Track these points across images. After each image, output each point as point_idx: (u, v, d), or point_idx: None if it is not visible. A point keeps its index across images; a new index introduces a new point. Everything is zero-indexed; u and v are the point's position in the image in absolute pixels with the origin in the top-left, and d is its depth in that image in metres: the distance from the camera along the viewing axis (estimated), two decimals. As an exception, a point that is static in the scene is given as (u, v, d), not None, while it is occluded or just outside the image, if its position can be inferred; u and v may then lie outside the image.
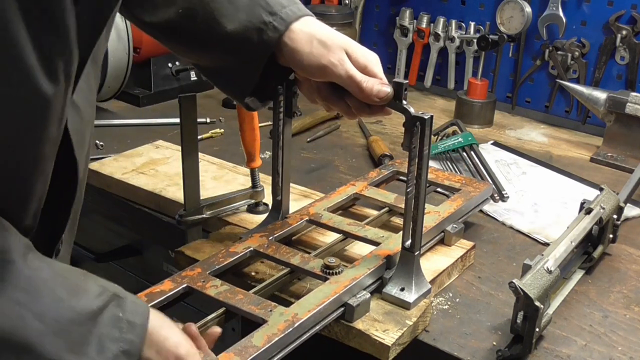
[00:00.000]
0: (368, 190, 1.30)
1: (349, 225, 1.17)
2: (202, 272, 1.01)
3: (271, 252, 1.08)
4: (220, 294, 0.97)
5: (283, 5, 0.97)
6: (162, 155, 1.53)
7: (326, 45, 0.96)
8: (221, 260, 1.05)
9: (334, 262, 1.03)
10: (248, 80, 1.01)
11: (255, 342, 0.87)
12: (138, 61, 1.87)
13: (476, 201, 1.30)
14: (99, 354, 0.70)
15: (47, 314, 0.67)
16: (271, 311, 0.93)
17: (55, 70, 0.67)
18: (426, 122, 0.95)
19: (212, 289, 0.98)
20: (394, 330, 0.98)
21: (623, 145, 1.69)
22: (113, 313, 0.72)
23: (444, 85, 2.11)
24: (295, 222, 1.17)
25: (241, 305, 0.94)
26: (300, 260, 1.06)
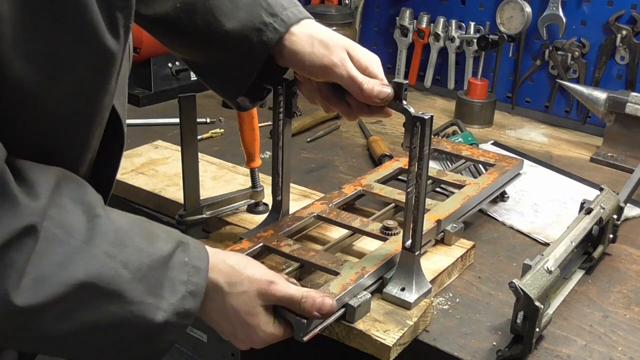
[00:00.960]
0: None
1: (399, 194, 1.26)
2: (274, 233, 1.12)
3: (333, 217, 1.18)
4: (294, 251, 1.07)
5: (284, 7, 0.97)
6: (162, 155, 1.53)
7: (327, 45, 0.96)
8: (290, 223, 1.16)
9: (392, 224, 1.13)
10: (243, 79, 1.00)
11: (332, 289, 0.98)
12: (138, 61, 1.87)
13: (510, 175, 1.40)
14: (171, 295, 0.78)
15: (131, 262, 0.74)
16: (342, 265, 1.04)
17: (118, 26, 0.70)
18: (426, 122, 0.95)
19: (286, 247, 1.08)
20: (395, 330, 0.98)
21: (623, 145, 1.69)
22: (181, 258, 0.79)
23: (444, 85, 2.11)
24: (350, 191, 1.28)
25: (315, 260, 1.05)
26: (360, 223, 1.16)
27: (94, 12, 0.66)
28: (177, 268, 0.79)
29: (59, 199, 0.71)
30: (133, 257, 0.75)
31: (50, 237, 0.69)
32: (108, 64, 0.72)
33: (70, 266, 0.69)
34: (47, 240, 0.68)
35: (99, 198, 0.76)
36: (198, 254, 0.82)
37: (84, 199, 0.73)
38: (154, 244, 0.78)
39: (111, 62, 0.72)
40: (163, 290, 0.77)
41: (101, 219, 0.73)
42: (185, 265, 0.80)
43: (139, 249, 0.76)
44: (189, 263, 0.80)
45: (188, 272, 0.80)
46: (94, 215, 0.73)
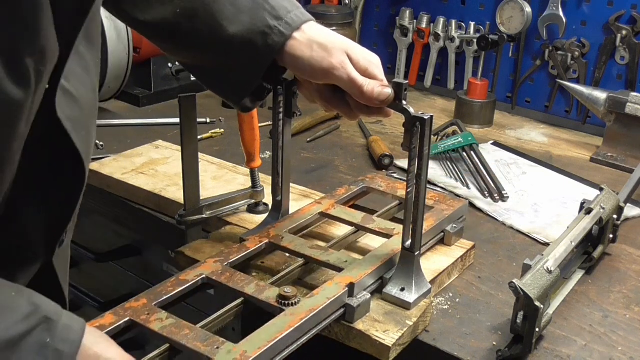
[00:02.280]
0: (335, 209, 1.21)
1: (310, 249, 1.08)
2: (147, 303, 0.93)
3: (225, 280, 0.99)
4: (164, 329, 0.88)
5: (288, 10, 0.96)
6: (162, 155, 1.53)
7: (327, 48, 0.95)
8: (170, 289, 0.96)
9: (290, 293, 0.93)
10: (247, 82, 1.00)
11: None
12: (138, 61, 1.87)
13: (450, 220, 1.21)
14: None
15: None
16: (218, 348, 0.84)
17: (25, 72, 0.64)
18: (426, 123, 0.95)
19: (157, 322, 0.89)
20: (395, 330, 0.98)
21: (623, 145, 1.69)
22: (39, 339, 0.66)
23: (444, 85, 2.11)
24: (254, 245, 1.09)
25: (186, 341, 0.85)
26: (255, 288, 0.97)
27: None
28: (31, 351, 0.65)
29: None
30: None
31: None
32: (12, 113, 0.65)
33: None
34: None
35: None
36: (66, 335, 0.68)
37: None
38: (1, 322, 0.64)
39: (15, 111, 0.66)
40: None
41: None
42: (44, 347, 0.66)
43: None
44: (49, 345, 0.66)
45: (46, 356, 0.66)
46: None
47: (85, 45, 0.75)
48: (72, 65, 0.73)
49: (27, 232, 0.79)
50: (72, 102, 0.75)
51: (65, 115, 0.73)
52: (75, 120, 0.75)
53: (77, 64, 0.75)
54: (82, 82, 0.77)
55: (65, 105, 0.73)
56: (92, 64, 0.79)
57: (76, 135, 0.75)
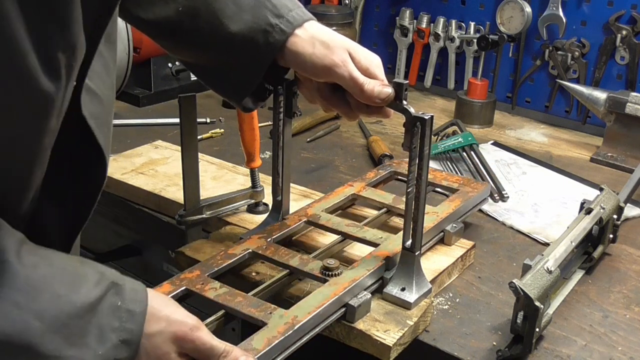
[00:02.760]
0: (366, 191, 1.29)
1: (347, 226, 1.16)
2: (200, 274, 1.00)
3: (270, 254, 1.07)
4: (219, 297, 0.95)
5: (289, 9, 0.97)
6: (162, 155, 1.53)
7: (329, 46, 0.96)
8: (220, 262, 1.04)
9: (332, 264, 1.02)
10: (249, 81, 1.00)
11: (255, 345, 0.86)
12: (138, 61, 1.87)
13: (474, 201, 1.29)
14: (99, 344, 0.70)
15: (47, 312, 0.67)
16: (271, 313, 0.92)
17: (57, 67, 0.66)
18: (426, 123, 0.96)
19: (211, 291, 0.97)
20: (395, 330, 0.98)
21: (623, 145, 1.69)
22: (112, 302, 0.71)
23: (444, 85, 2.11)
24: (294, 223, 1.17)
25: (240, 307, 0.93)
26: (299, 261, 1.05)
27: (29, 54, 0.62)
28: (107, 313, 0.71)
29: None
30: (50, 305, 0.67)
31: None
32: (44, 106, 0.68)
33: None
34: None
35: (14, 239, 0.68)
36: (133, 296, 0.73)
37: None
38: (77, 289, 0.69)
39: (48, 104, 0.68)
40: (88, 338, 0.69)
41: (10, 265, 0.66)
42: (117, 309, 0.71)
43: (57, 296, 0.68)
44: (121, 307, 0.72)
45: (120, 317, 0.71)
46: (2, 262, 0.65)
47: (104, 44, 0.77)
48: (94, 64, 0.75)
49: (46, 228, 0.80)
50: (95, 100, 0.77)
51: (89, 113, 0.75)
52: (98, 117, 0.77)
53: (98, 63, 0.76)
54: (103, 81, 0.79)
55: (90, 103, 0.75)
56: (111, 63, 0.82)
57: (99, 132, 0.77)
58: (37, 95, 0.65)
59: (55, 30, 0.65)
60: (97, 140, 0.77)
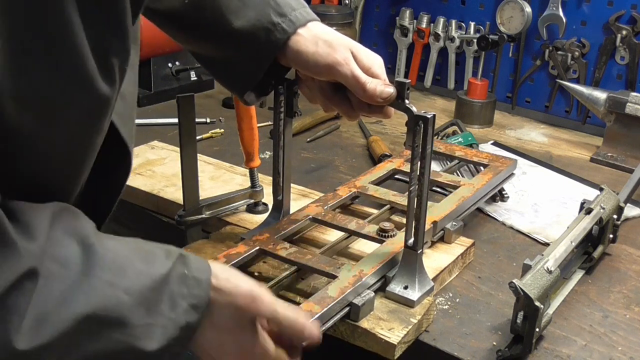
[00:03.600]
0: (405, 166, 1.37)
1: (393, 196, 1.26)
2: (270, 236, 1.11)
3: (329, 219, 1.17)
4: (291, 254, 1.06)
5: (293, 8, 0.98)
6: (158, 155, 1.53)
7: (331, 45, 0.96)
8: (285, 226, 1.15)
9: (388, 226, 1.13)
10: (251, 76, 1.01)
11: (330, 293, 0.97)
12: (138, 61, 1.87)
13: (503, 175, 1.40)
14: (172, 310, 0.75)
15: (133, 287, 0.72)
16: (339, 268, 1.03)
17: (113, 71, 0.69)
18: (429, 121, 0.96)
19: (283, 250, 1.07)
20: (400, 328, 0.98)
21: (623, 145, 1.69)
22: (180, 272, 0.76)
23: (444, 85, 2.11)
24: (345, 193, 1.27)
25: (312, 263, 1.04)
26: (356, 225, 1.16)
27: (88, 59, 0.65)
28: (177, 282, 0.76)
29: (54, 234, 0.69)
30: (134, 281, 0.73)
31: (48, 275, 0.67)
32: (101, 108, 0.71)
33: (71, 301, 0.68)
34: (45, 279, 0.66)
35: (92, 226, 0.74)
36: (198, 266, 0.79)
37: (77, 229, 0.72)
38: (153, 264, 0.76)
39: (104, 106, 0.71)
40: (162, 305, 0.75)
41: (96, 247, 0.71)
42: (185, 278, 0.77)
43: (139, 272, 0.74)
44: (188, 275, 0.77)
45: (189, 284, 0.77)
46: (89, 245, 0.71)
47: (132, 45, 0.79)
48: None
49: None
50: (120, 99, 0.79)
51: (116, 114, 0.79)
52: (122, 115, 0.82)
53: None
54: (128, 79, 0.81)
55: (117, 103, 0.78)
56: (136, 61, 0.86)
57: (123, 129, 0.82)
58: (96, 98, 0.69)
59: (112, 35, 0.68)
60: (122, 136, 0.82)
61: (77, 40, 0.64)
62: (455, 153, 1.47)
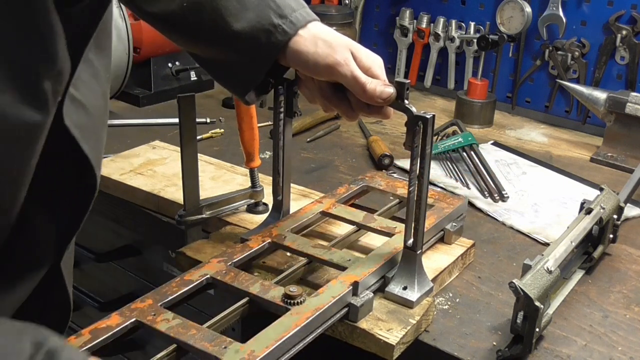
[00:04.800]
0: (336, 208, 1.21)
1: (314, 247, 1.08)
2: (153, 303, 0.93)
3: (229, 280, 0.99)
4: (171, 329, 0.88)
5: (293, 9, 0.97)
6: (159, 155, 1.53)
7: (331, 45, 0.96)
8: (174, 289, 0.96)
9: (295, 292, 0.93)
10: (251, 78, 1.01)
11: None
12: (138, 61, 1.87)
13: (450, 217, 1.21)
14: None
15: None
16: (225, 348, 0.84)
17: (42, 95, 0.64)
18: (428, 122, 0.96)
19: (163, 323, 0.89)
20: (398, 329, 0.98)
21: (623, 145, 1.69)
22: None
23: (444, 85, 2.11)
24: (257, 245, 1.09)
25: (194, 341, 0.85)
26: (260, 288, 0.97)
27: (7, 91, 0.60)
28: None
29: None
30: None
31: None
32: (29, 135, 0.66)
33: None
34: None
35: None
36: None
37: None
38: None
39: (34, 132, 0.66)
40: None
41: None
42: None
43: None
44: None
45: None
46: None
47: (94, 52, 0.75)
48: (80, 73, 0.73)
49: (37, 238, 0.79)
50: (80, 110, 0.74)
51: (73, 123, 0.73)
52: (84, 127, 0.75)
53: (85, 72, 0.74)
54: (91, 89, 0.77)
55: (74, 113, 0.73)
56: (101, 71, 0.79)
57: (85, 143, 0.75)
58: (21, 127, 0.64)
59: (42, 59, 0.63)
60: (83, 150, 0.75)
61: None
62: (396, 191, 1.28)
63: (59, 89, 0.67)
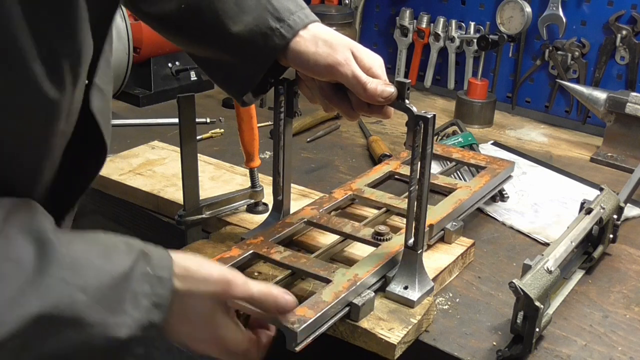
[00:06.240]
0: (402, 169, 1.39)
1: (389, 199, 1.26)
2: (264, 240, 1.09)
3: (324, 222, 1.16)
4: (285, 258, 1.05)
5: (291, 12, 0.97)
6: (159, 155, 1.53)
7: (331, 45, 0.96)
8: (280, 230, 1.13)
9: (384, 230, 1.11)
10: (249, 79, 1.01)
11: (324, 298, 0.95)
12: (138, 61, 1.87)
13: (501, 177, 1.40)
14: (134, 308, 0.73)
15: (90, 285, 0.70)
16: (334, 272, 1.02)
17: (62, 74, 0.67)
18: (429, 121, 0.96)
19: (277, 254, 1.06)
20: (400, 328, 0.98)
21: (623, 145, 1.69)
22: (143, 270, 0.75)
23: (444, 85, 2.11)
24: (341, 196, 1.26)
25: (307, 267, 1.03)
26: (352, 229, 1.14)
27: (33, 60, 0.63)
28: (139, 280, 0.74)
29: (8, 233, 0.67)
30: (91, 278, 0.71)
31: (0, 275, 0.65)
32: (49, 111, 0.69)
33: (23, 300, 0.65)
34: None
35: (50, 222, 0.72)
36: (161, 263, 0.77)
37: (32, 226, 0.69)
38: (112, 260, 0.73)
39: (52, 110, 0.69)
40: (125, 305, 0.73)
41: (52, 243, 0.69)
42: (147, 276, 0.75)
43: (97, 268, 0.72)
44: (151, 274, 0.75)
45: (151, 283, 0.75)
46: (44, 241, 0.68)
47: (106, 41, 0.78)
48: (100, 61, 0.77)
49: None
50: (100, 96, 0.79)
51: (96, 110, 0.78)
52: (102, 112, 0.81)
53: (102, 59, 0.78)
54: (106, 75, 0.81)
55: (96, 99, 0.78)
56: (110, 56, 0.84)
57: (104, 126, 0.81)
58: (42, 101, 0.67)
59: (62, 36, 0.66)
60: (103, 134, 0.81)
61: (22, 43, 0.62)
62: (452, 155, 1.47)
63: (79, 70, 0.70)
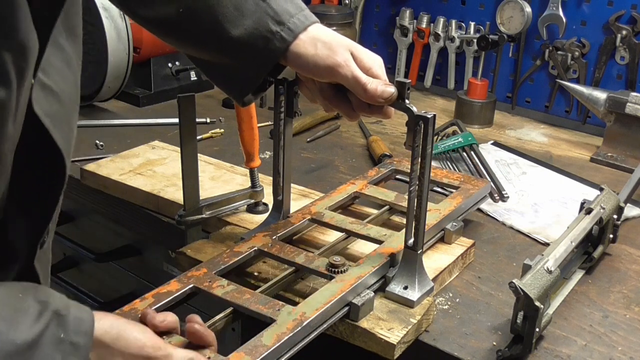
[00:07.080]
0: (368, 189, 1.30)
1: (351, 223, 1.17)
2: (207, 272, 1.01)
3: (275, 252, 1.08)
4: (227, 294, 0.96)
5: (291, 14, 0.96)
6: (159, 155, 1.53)
7: (331, 46, 0.96)
8: (226, 260, 1.05)
9: (338, 261, 1.03)
10: (249, 82, 1.00)
11: (265, 341, 0.87)
12: (138, 61, 1.87)
13: (475, 198, 1.31)
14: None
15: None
16: (279, 310, 0.93)
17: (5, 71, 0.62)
18: (429, 121, 0.96)
19: (219, 289, 0.98)
20: (399, 328, 0.98)
21: (623, 145, 1.69)
22: (54, 335, 0.68)
23: (444, 85, 2.11)
24: (298, 221, 1.18)
25: (249, 304, 0.94)
26: (305, 259, 1.06)
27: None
28: (50, 347, 0.66)
29: None
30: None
31: None
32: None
33: None
34: None
35: None
36: (79, 327, 0.69)
37: None
38: (16, 325, 0.65)
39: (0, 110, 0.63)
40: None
41: None
42: (60, 342, 0.67)
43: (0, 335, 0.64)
44: (64, 340, 0.68)
45: (63, 351, 0.67)
46: None
47: (66, 37, 0.73)
48: (50, 58, 0.71)
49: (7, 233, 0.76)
50: (51, 97, 0.72)
51: (43, 111, 0.70)
52: (55, 115, 0.72)
53: (56, 57, 0.72)
54: (63, 76, 0.74)
55: (44, 100, 0.71)
56: (74, 57, 0.77)
57: (56, 131, 0.72)
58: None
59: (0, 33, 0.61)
60: (54, 139, 0.72)
61: None
62: None
63: (23, 65, 0.64)
